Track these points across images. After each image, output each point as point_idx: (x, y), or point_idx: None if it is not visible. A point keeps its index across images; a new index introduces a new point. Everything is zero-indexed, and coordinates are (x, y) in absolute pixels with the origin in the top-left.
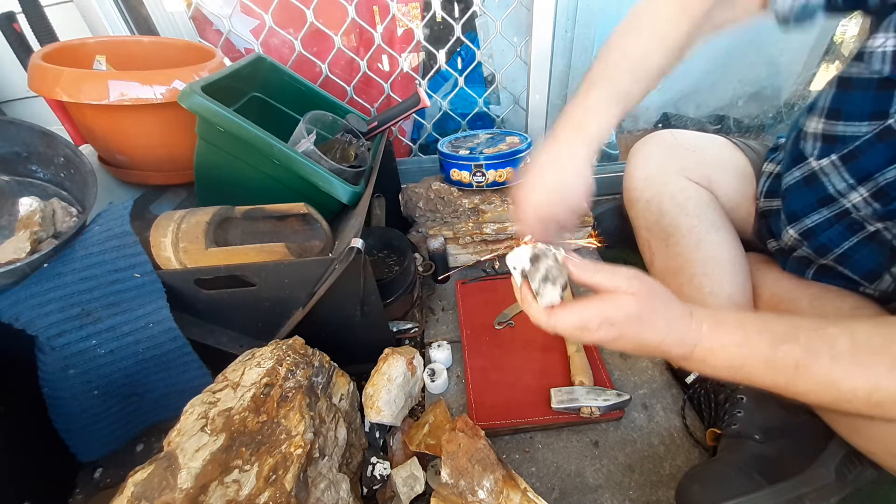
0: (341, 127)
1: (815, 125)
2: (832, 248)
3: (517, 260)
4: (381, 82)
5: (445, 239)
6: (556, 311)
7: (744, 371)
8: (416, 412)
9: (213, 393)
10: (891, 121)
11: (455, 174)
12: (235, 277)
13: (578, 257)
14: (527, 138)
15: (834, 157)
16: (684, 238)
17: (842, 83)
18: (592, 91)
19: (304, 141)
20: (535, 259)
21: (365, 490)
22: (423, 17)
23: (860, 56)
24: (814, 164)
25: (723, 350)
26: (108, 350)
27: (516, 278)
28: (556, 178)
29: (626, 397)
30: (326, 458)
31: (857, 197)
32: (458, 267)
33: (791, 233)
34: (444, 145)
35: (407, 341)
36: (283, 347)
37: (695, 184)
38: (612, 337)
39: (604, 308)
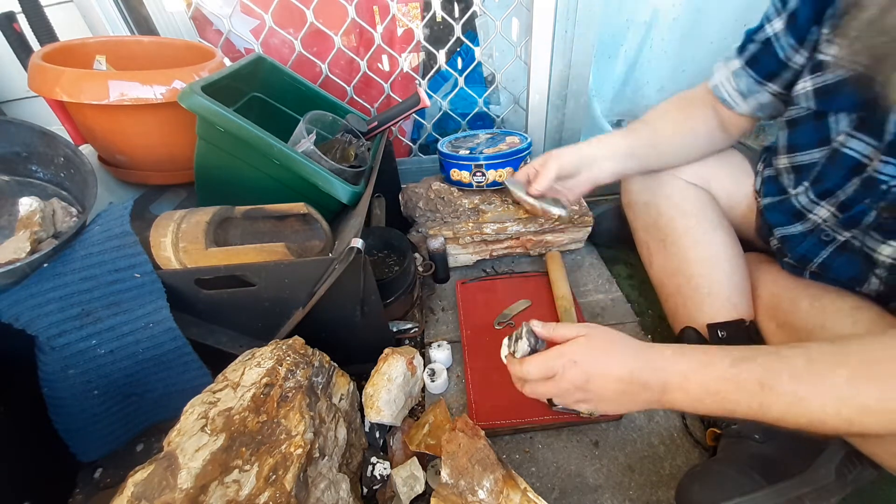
0: (341, 127)
1: (784, 161)
2: (812, 259)
3: (505, 347)
4: (381, 82)
5: (445, 239)
6: (525, 360)
7: (720, 396)
8: (416, 412)
9: (213, 393)
10: (835, 144)
11: (455, 174)
12: (235, 277)
13: (542, 324)
14: (527, 138)
15: (806, 183)
16: (682, 239)
17: (789, 124)
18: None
19: (304, 141)
20: (516, 339)
21: (365, 490)
22: (423, 17)
23: (795, 100)
24: (791, 192)
25: (693, 374)
26: (108, 350)
27: (504, 352)
28: (584, 150)
29: None
30: (326, 458)
31: (824, 212)
32: None
33: (774, 242)
34: (444, 145)
35: (407, 341)
36: (283, 347)
37: (692, 184)
38: (582, 378)
39: (564, 350)
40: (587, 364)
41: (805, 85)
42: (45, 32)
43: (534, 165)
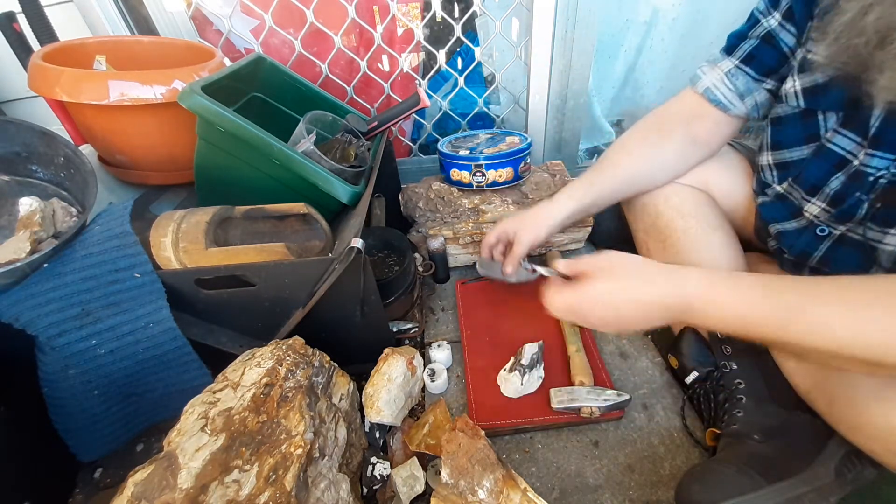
0: (341, 127)
1: (766, 158)
2: (812, 253)
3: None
4: (381, 82)
5: (445, 239)
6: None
7: (744, 321)
8: (416, 412)
9: (213, 393)
10: (823, 140)
11: (455, 174)
12: (235, 277)
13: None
14: (527, 138)
15: (790, 179)
16: (680, 240)
17: (774, 121)
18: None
19: (304, 141)
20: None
21: (365, 490)
22: (423, 17)
23: (782, 98)
24: (777, 188)
25: (720, 296)
26: (108, 350)
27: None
28: (550, 220)
29: (626, 397)
30: (326, 458)
31: (815, 208)
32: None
33: (772, 243)
34: (444, 145)
35: (407, 341)
36: (283, 347)
37: (691, 186)
38: (619, 286)
39: (598, 262)
40: (623, 279)
41: (794, 84)
42: (45, 32)
43: (499, 238)
